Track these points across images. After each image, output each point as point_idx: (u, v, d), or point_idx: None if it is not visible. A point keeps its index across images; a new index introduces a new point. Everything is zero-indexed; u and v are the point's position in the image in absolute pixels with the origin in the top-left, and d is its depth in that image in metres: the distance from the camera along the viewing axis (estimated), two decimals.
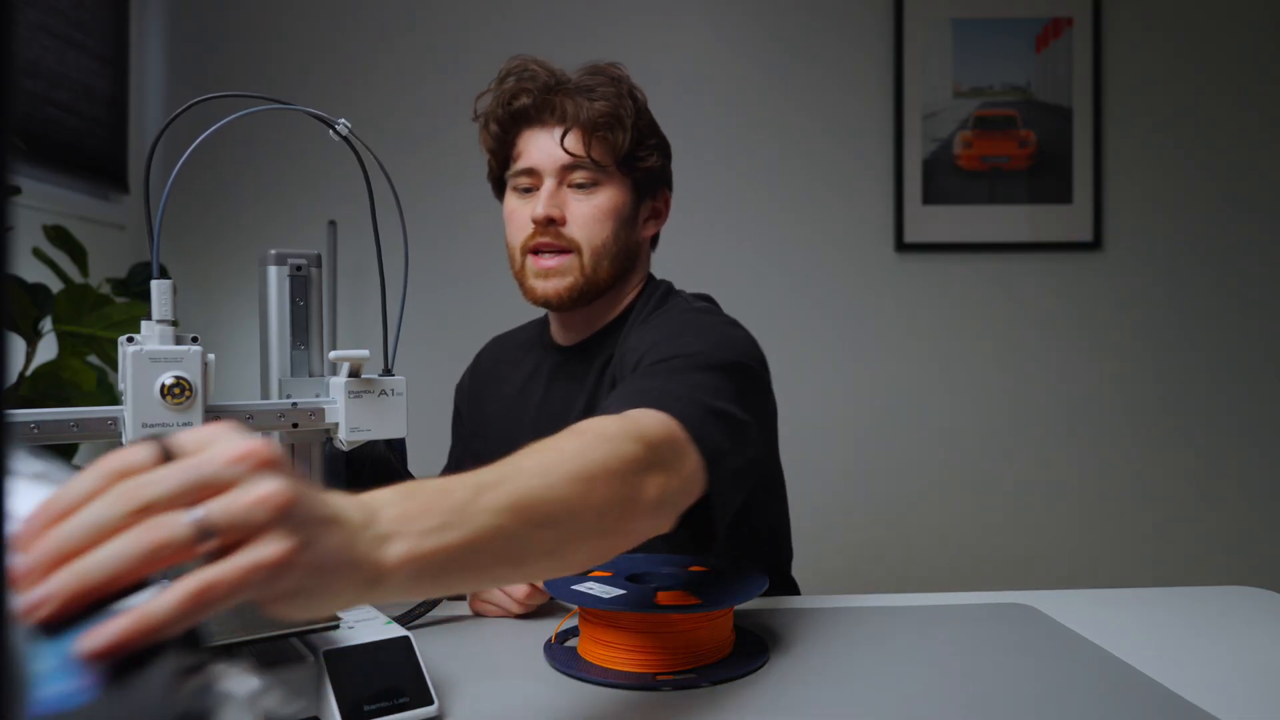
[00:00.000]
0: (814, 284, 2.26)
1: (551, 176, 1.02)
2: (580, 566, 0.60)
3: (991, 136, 2.27)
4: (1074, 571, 2.24)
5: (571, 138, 1.01)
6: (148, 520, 0.35)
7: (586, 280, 1.02)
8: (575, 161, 1.01)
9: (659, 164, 1.08)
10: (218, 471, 0.37)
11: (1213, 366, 2.28)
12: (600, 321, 1.08)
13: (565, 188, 1.02)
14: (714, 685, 0.70)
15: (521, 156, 1.04)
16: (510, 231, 1.06)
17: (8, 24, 0.21)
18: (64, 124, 1.99)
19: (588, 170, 1.02)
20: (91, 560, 0.34)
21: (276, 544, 0.38)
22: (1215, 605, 0.93)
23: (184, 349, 0.65)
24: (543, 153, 1.02)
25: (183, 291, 0.70)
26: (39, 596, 0.34)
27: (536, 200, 1.02)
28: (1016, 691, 0.69)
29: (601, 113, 1.00)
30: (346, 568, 0.42)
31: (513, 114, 1.04)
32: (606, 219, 1.02)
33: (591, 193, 1.02)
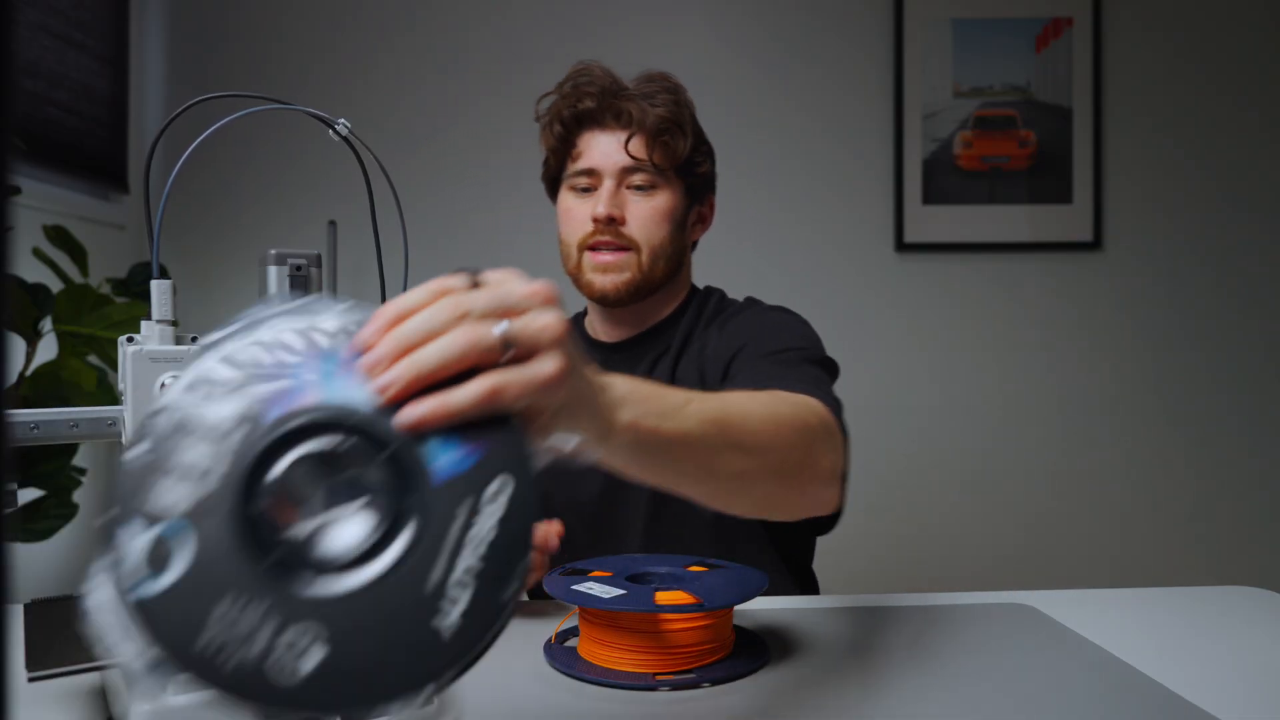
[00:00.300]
0: (814, 284, 2.26)
1: (611, 177, 1.06)
2: (760, 504, 0.71)
3: (991, 136, 2.27)
4: (1074, 571, 2.24)
5: (636, 142, 1.05)
6: (465, 325, 0.44)
7: (643, 277, 1.07)
8: (637, 165, 1.06)
9: (709, 169, 1.13)
10: (517, 299, 0.47)
11: (1213, 366, 2.28)
12: (650, 320, 1.12)
13: (624, 189, 1.06)
14: (714, 685, 0.70)
15: (582, 156, 1.08)
16: (567, 228, 1.10)
17: (8, 24, 0.21)
18: (64, 124, 1.99)
19: (648, 173, 1.06)
20: (424, 353, 0.43)
21: (556, 361, 0.45)
22: (1215, 605, 0.93)
23: (184, 349, 0.65)
24: (605, 154, 1.06)
25: (183, 291, 0.70)
26: (386, 380, 0.42)
27: (595, 199, 1.06)
28: (1016, 691, 0.69)
29: (664, 119, 1.06)
30: (590, 408, 0.51)
31: (577, 115, 1.08)
32: (664, 220, 1.07)
33: (650, 195, 1.07)
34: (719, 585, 0.76)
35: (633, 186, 1.06)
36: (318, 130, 0.76)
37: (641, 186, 1.06)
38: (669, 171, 1.07)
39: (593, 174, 1.07)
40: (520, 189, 2.31)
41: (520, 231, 2.28)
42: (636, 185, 1.06)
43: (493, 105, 2.29)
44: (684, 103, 1.09)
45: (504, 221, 2.29)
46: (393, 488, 0.41)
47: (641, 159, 1.05)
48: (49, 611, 0.64)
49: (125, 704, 0.56)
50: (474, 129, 2.29)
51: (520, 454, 0.43)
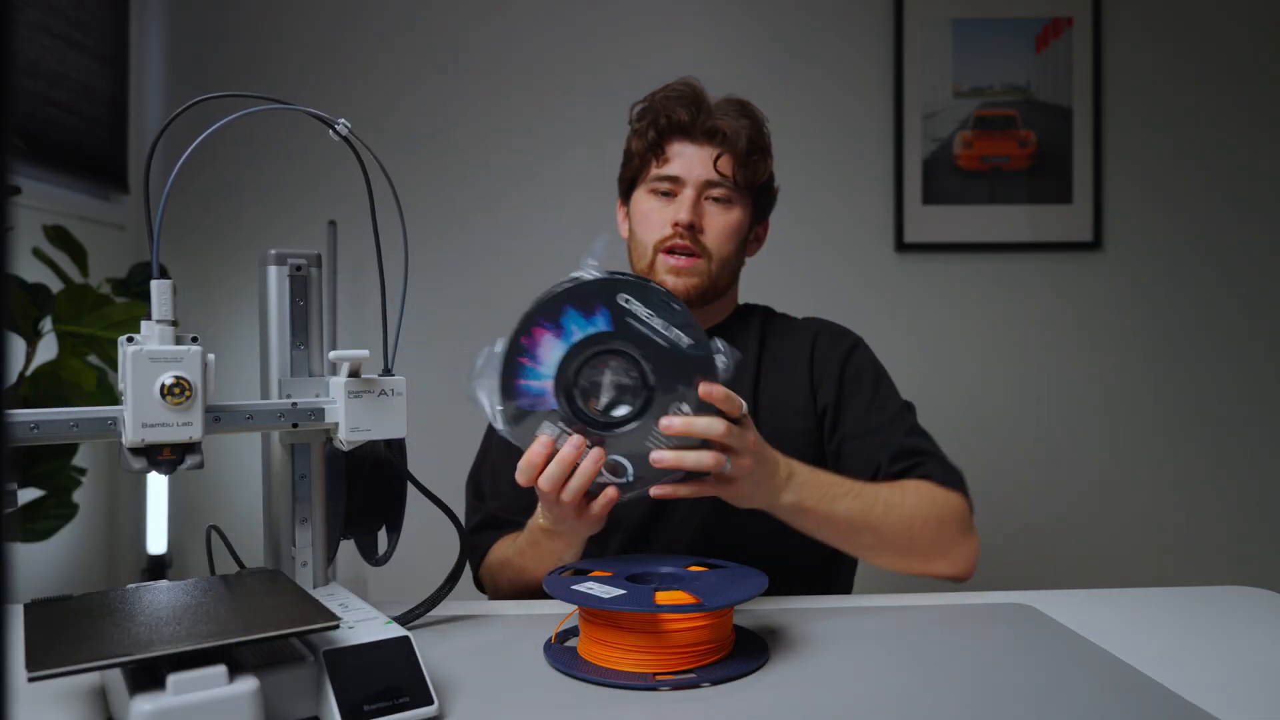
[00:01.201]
0: (814, 284, 2.26)
1: (694, 187, 1.12)
2: (886, 566, 1.00)
3: (991, 136, 2.27)
4: (1074, 571, 2.24)
5: (725, 160, 1.12)
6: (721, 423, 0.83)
7: (710, 285, 1.13)
8: (720, 180, 1.12)
9: (776, 195, 1.22)
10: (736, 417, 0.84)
11: (1213, 366, 2.28)
12: (704, 322, 1.16)
13: (703, 200, 1.12)
14: (714, 685, 0.70)
15: (670, 163, 1.13)
16: (644, 229, 1.15)
17: (8, 24, 0.21)
18: (64, 124, 1.99)
19: (727, 189, 1.13)
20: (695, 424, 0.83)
21: (748, 460, 0.84)
22: (1215, 605, 0.93)
23: (184, 349, 0.65)
24: (692, 165, 1.12)
25: (183, 291, 0.70)
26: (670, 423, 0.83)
27: (676, 205, 1.12)
28: (1016, 691, 0.69)
29: (752, 140, 1.13)
30: (769, 485, 0.90)
31: (672, 124, 1.13)
32: (734, 235, 1.14)
33: (726, 209, 1.13)
34: (719, 585, 0.76)
35: (710, 199, 1.12)
36: (318, 130, 0.76)
37: (719, 200, 1.13)
38: (744, 190, 1.14)
39: (676, 181, 1.12)
40: (520, 189, 2.31)
41: (520, 231, 2.28)
42: (714, 198, 1.12)
43: (493, 105, 2.29)
44: (767, 131, 1.17)
45: (504, 221, 2.29)
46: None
47: (727, 175, 1.11)
48: (49, 611, 0.64)
49: (125, 704, 0.57)
50: (474, 129, 2.29)
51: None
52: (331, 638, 0.64)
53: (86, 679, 0.69)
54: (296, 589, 0.70)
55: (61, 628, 0.60)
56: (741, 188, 1.13)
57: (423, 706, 0.63)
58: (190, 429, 0.65)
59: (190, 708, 0.56)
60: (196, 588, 0.70)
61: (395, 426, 0.77)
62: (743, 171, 1.12)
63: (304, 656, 0.64)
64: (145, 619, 0.62)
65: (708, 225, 1.12)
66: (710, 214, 1.12)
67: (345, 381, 0.75)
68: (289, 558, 0.79)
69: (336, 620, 0.60)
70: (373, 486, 0.86)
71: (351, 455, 0.83)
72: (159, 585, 0.70)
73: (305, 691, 0.62)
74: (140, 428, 0.63)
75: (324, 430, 0.78)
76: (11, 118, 0.22)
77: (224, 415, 0.70)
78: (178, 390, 0.64)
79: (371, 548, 0.90)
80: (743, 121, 1.13)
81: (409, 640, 0.66)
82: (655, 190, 1.14)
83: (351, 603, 0.75)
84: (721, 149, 1.11)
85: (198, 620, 0.62)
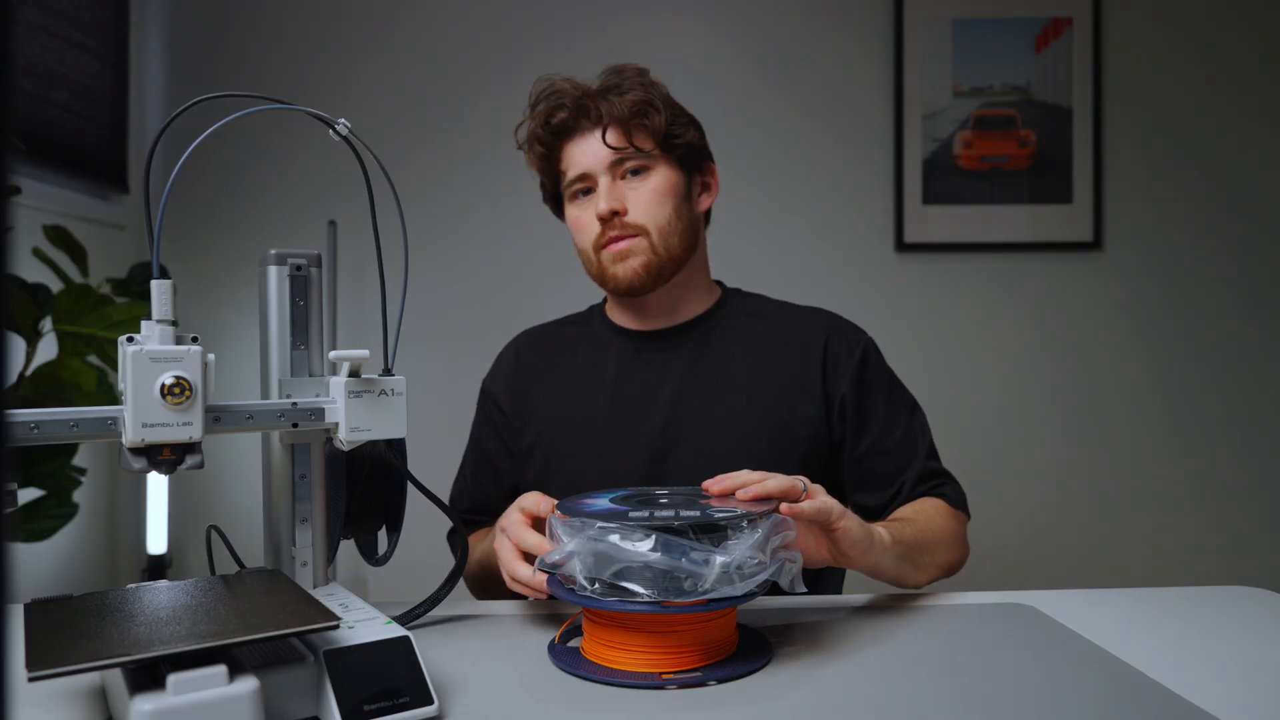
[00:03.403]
0: (814, 284, 2.26)
1: (604, 174, 1.08)
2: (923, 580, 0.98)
3: (991, 136, 2.27)
4: (1074, 571, 2.24)
5: (612, 133, 1.07)
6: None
7: (660, 259, 1.09)
8: (621, 154, 1.07)
9: (697, 137, 1.14)
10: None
11: (1212, 366, 2.28)
12: (682, 313, 1.16)
13: (618, 181, 1.08)
14: (720, 684, 0.70)
15: (571, 166, 1.10)
16: (580, 238, 1.12)
17: (8, 24, 0.21)
18: (64, 124, 1.99)
19: (635, 159, 1.08)
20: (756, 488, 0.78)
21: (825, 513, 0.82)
22: (1215, 605, 0.93)
23: (184, 349, 0.65)
24: (589, 155, 1.08)
25: (183, 291, 0.70)
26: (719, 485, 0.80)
27: (596, 200, 1.08)
28: (1016, 691, 0.69)
29: (633, 102, 1.07)
30: (864, 539, 0.86)
31: (553, 131, 1.10)
32: (665, 199, 1.09)
33: (644, 178, 1.09)
34: None
35: (625, 176, 1.09)
36: (318, 130, 0.76)
37: (635, 172, 1.09)
38: (654, 151, 1.09)
39: (586, 177, 1.09)
40: (520, 188, 2.30)
41: (520, 231, 2.28)
42: (630, 173, 1.09)
43: (493, 105, 2.29)
44: (650, 83, 1.11)
45: (504, 221, 2.29)
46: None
47: (622, 146, 1.07)
48: (49, 611, 0.64)
49: (125, 704, 0.57)
50: (474, 129, 2.29)
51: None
52: (331, 638, 0.64)
53: (86, 679, 0.69)
54: (296, 589, 0.70)
55: (61, 628, 0.60)
56: (649, 151, 1.08)
57: (423, 706, 0.63)
58: (190, 429, 0.65)
59: (190, 708, 0.56)
60: (196, 588, 0.70)
61: (395, 426, 0.77)
62: (638, 134, 1.08)
63: (304, 656, 0.64)
64: (145, 619, 0.62)
65: (630, 202, 1.08)
66: (629, 191, 1.08)
67: (345, 381, 0.75)
68: (289, 558, 0.79)
69: (336, 620, 0.60)
70: (373, 486, 0.86)
71: (351, 455, 0.83)
72: (159, 585, 0.70)
73: (305, 691, 0.62)
74: (140, 428, 0.63)
75: (324, 430, 0.78)
76: (11, 118, 0.22)
77: (224, 415, 0.70)
78: (178, 390, 0.64)
79: (371, 548, 0.89)
80: (623, 86, 1.09)
81: (409, 640, 0.66)
82: (574, 196, 1.12)
83: (351, 603, 0.75)
84: (604, 124, 1.07)
85: (198, 620, 0.62)
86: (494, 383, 1.24)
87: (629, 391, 1.14)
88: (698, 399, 1.11)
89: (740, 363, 1.13)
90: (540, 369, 1.21)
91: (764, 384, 1.12)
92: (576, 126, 1.09)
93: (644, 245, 1.08)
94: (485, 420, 1.23)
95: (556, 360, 1.21)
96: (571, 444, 1.14)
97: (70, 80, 2.00)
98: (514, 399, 1.20)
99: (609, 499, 0.81)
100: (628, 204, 1.08)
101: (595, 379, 1.16)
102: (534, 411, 1.18)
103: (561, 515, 0.75)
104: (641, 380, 1.14)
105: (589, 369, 1.17)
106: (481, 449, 1.22)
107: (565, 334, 1.24)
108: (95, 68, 2.09)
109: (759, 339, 1.15)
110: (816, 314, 1.19)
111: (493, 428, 1.22)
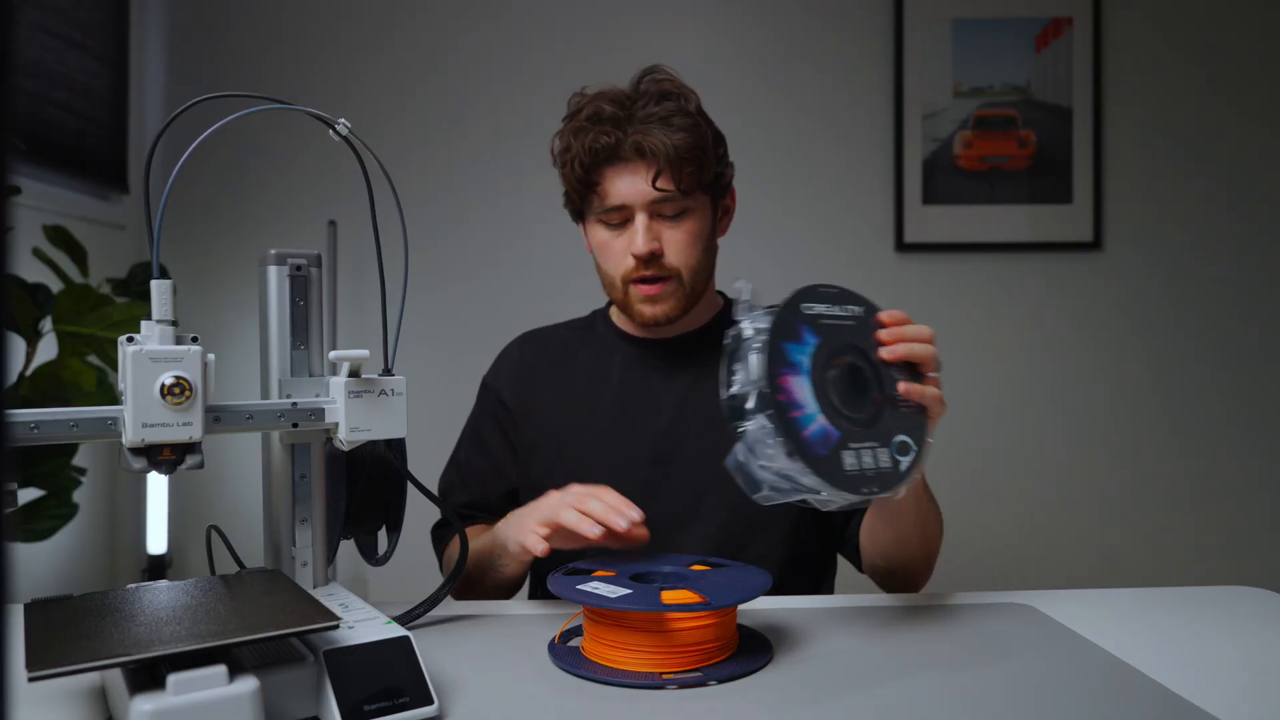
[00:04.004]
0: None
1: (643, 211, 1.06)
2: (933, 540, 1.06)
3: (991, 136, 2.27)
4: (1074, 571, 2.24)
5: (664, 178, 1.05)
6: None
7: (688, 298, 1.10)
8: (666, 197, 1.05)
9: (732, 171, 1.16)
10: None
11: (1213, 366, 2.28)
12: (692, 323, 1.16)
13: (655, 220, 1.07)
14: (720, 684, 0.70)
15: (610, 194, 1.07)
16: (608, 263, 1.11)
17: (8, 24, 0.21)
18: (64, 124, 1.99)
19: (676, 201, 1.06)
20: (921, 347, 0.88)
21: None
22: (1215, 605, 0.93)
23: (184, 349, 0.65)
24: (633, 191, 1.06)
25: (183, 291, 0.70)
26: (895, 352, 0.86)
27: (631, 234, 1.07)
28: (1016, 691, 0.69)
29: (686, 146, 1.05)
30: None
31: (596, 152, 1.06)
32: (697, 241, 1.09)
33: (681, 221, 1.08)
34: (723, 584, 0.76)
35: (663, 216, 1.07)
36: (318, 130, 0.76)
37: (670, 217, 1.07)
38: (695, 193, 1.08)
39: (623, 209, 1.07)
40: (520, 189, 2.31)
41: (520, 231, 2.28)
42: (665, 215, 1.07)
43: (493, 105, 2.29)
44: (697, 114, 1.08)
45: (504, 221, 2.29)
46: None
47: (669, 191, 1.05)
48: (49, 611, 0.64)
49: (125, 704, 0.57)
50: (474, 129, 2.29)
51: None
52: (331, 638, 0.64)
53: (86, 679, 0.69)
54: (296, 589, 0.70)
55: (61, 628, 0.60)
56: (692, 193, 1.07)
57: (423, 706, 0.63)
58: (190, 429, 0.65)
59: (190, 708, 0.56)
60: (196, 588, 0.70)
61: (395, 426, 0.77)
62: (686, 180, 1.05)
63: (304, 656, 0.64)
64: (145, 619, 0.62)
65: (667, 246, 1.07)
66: (666, 232, 1.07)
67: (345, 381, 0.75)
68: (289, 558, 0.79)
69: (336, 620, 0.60)
70: (373, 486, 0.86)
71: (351, 455, 0.83)
72: (159, 585, 0.70)
73: (305, 691, 0.62)
74: (140, 428, 0.63)
75: (324, 430, 0.78)
76: (11, 118, 0.22)
77: (224, 415, 0.70)
78: (178, 390, 0.64)
79: (371, 548, 0.89)
80: (673, 121, 1.05)
81: (409, 640, 0.66)
82: (606, 222, 1.09)
83: (351, 603, 0.75)
84: (656, 166, 1.04)
85: (198, 620, 0.62)
86: (498, 379, 1.23)
87: (633, 395, 1.14)
88: (703, 405, 1.11)
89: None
90: (544, 370, 1.21)
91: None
92: (622, 155, 1.05)
93: (675, 289, 1.08)
94: (488, 415, 1.21)
95: (560, 362, 1.21)
96: (574, 445, 1.14)
97: (70, 80, 2.00)
98: (518, 397, 1.20)
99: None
100: (664, 244, 1.07)
101: (599, 382, 1.17)
102: (537, 412, 1.18)
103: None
104: (646, 384, 1.15)
105: (593, 372, 1.18)
106: (483, 443, 1.21)
107: (568, 337, 1.24)
108: (95, 68, 2.09)
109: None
110: None
111: (496, 422, 1.20)
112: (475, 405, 1.25)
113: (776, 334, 0.79)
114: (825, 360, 0.81)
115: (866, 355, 0.84)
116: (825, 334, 0.82)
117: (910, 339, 0.86)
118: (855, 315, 0.86)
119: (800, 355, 0.80)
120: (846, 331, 0.84)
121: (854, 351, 0.84)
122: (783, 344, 0.80)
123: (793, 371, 0.79)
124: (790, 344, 0.80)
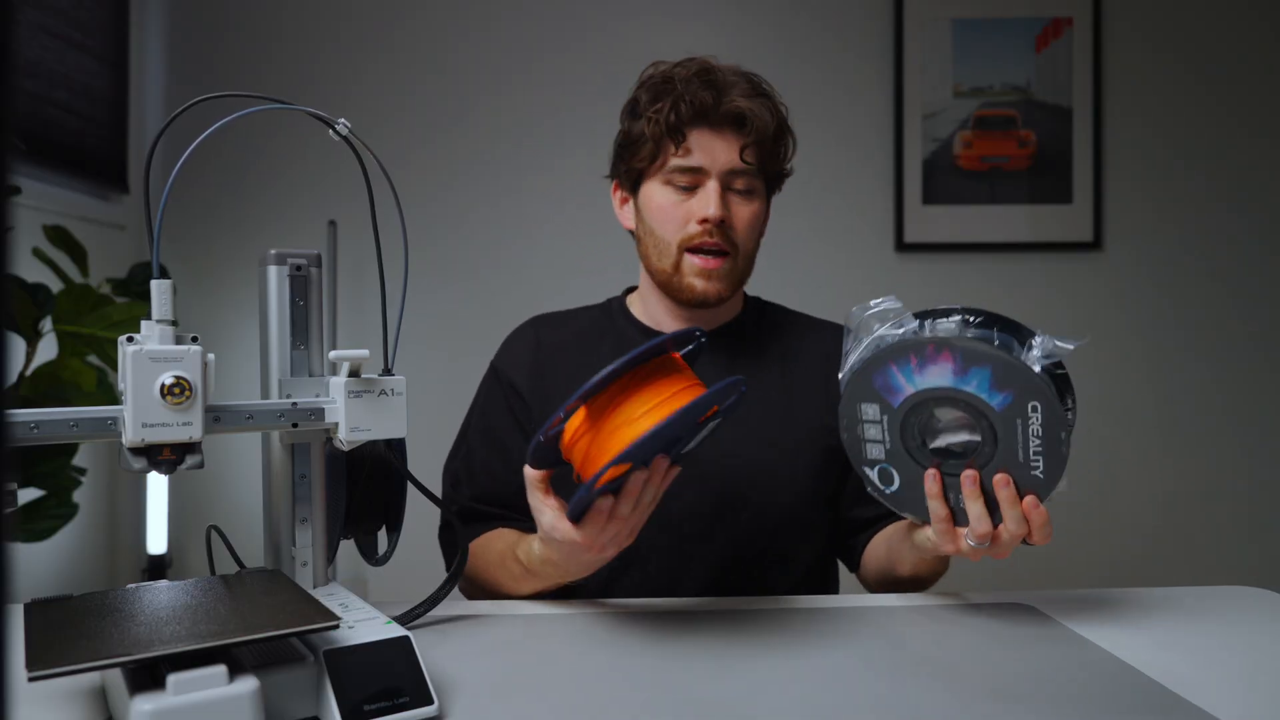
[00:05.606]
0: (814, 284, 2.26)
1: (717, 179, 1.03)
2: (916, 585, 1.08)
3: (991, 136, 2.27)
4: (1074, 571, 2.24)
5: (750, 151, 1.03)
6: None
7: (738, 282, 1.09)
8: (745, 169, 1.04)
9: (791, 172, 1.15)
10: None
11: (1212, 366, 2.28)
12: (718, 319, 1.14)
13: (726, 191, 1.04)
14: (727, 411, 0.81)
15: (690, 153, 1.03)
16: (665, 226, 1.06)
17: (8, 24, 0.21)
18: (64, 124, 1.99)
19: (751, 178, 1.05)
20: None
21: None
22: (1215, 605, 0.93)
23: (184, 349, 0.65)
24: (717, 155, 1.03)
25: (183, 291, 0.70)
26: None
27: (702, 199, 1.03)
28: (1016, 691, 0.69)
29: (777, 129, 1.05)
30: None
31: (694, 108, 1.02)
32: (758, 225, 1.08)
33: (750, 200, 1.06)
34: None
35: (734, 190, 1.05)
36: (318, 130, 0.76)
37: (741, 191, 1.05)
38: (765, 178, 1.08)
39: (699, 172, 1.03)
40: (520, 189, 2.31)
41: (520, 231, 2.29)
42: (737, 190, 1.05)
43: (492, 105, 2.29)
44: (783, 106, 1.09)
45: (504, 221, 2.29)
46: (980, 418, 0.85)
47: (752, 165, 1.04)
48: (49, 611, 0.64)
49: (125, 704, 0.57)
50: (474, 129, 2.29)
51: (1047, 393, 0.85)
52: (331, 638, 0.64)
53: (86, 679, 0.69)
54: (296, 589, 0.70)
55: (61, 628, 0.60)
56: (762, 176, 1.06)
57: (423, 706, 0.63)
58: (190, 429, 0.65)
59: (190, 708, 0.56)
60: (196, 588, 0.70)
61: (395, 426, 0.77)
62: (770, 159, 1.06)
63: (304, 656, 0.64)
64: (145, 619, 0.62)
65: (736, 219, 1.04)
66: (736, 206, 1.04)
67: (345, 381, 0.75)
68: (289, 558, 0.79)
69: (336, 620, 0.60)
70: (373, 486, 0.86)
71: (351, 455, 0.83)
72: (159, 585, 0.70)
73: (305, 691, 0.62)
74: (140, 427, 0.63)
75: (324, 430, 0.78)
76: (11, 118, 0.22)
77: (224, 415, 0.70)
78: (178, 390, 0.64)
79: (371, 548, 0.89)
80: (764, 101, 1.04)
81: (409, 640, 0.66)
82: (672, 182, 1.05)
83: (351, 603, 0.75)
84: (748, 137, 1.02)
85: (198, 620, 0.62)
86: (509, 363, 1.15)
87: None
88: None
89: (769, 372, 1.11)
90: (561, 352, 1.14)
91: (791, 394, 1.10)
92: (715, 119, 1.02)
93: (730, 267, 1.05)
94: (498, 403, 1.13)
95: (579, 345, 1.14)
96: None
97: (70, 80, 2.00)
98: (533, 383, 1.12)
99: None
100: (733, 219, 1.05)
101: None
102: (556, 396, 1.09)
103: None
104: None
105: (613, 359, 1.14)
106: (493, 434, 1.12)
107: (586, 323, 1.17)
108: (95, 68, 2.09)
109: (785, 350, 1.14)
110: (837, 329, 1.16)
111: (508, 410, 1.12)
112: (481, 393, 1.17)
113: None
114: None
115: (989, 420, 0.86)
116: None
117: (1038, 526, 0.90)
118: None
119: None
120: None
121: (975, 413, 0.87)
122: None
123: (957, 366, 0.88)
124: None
